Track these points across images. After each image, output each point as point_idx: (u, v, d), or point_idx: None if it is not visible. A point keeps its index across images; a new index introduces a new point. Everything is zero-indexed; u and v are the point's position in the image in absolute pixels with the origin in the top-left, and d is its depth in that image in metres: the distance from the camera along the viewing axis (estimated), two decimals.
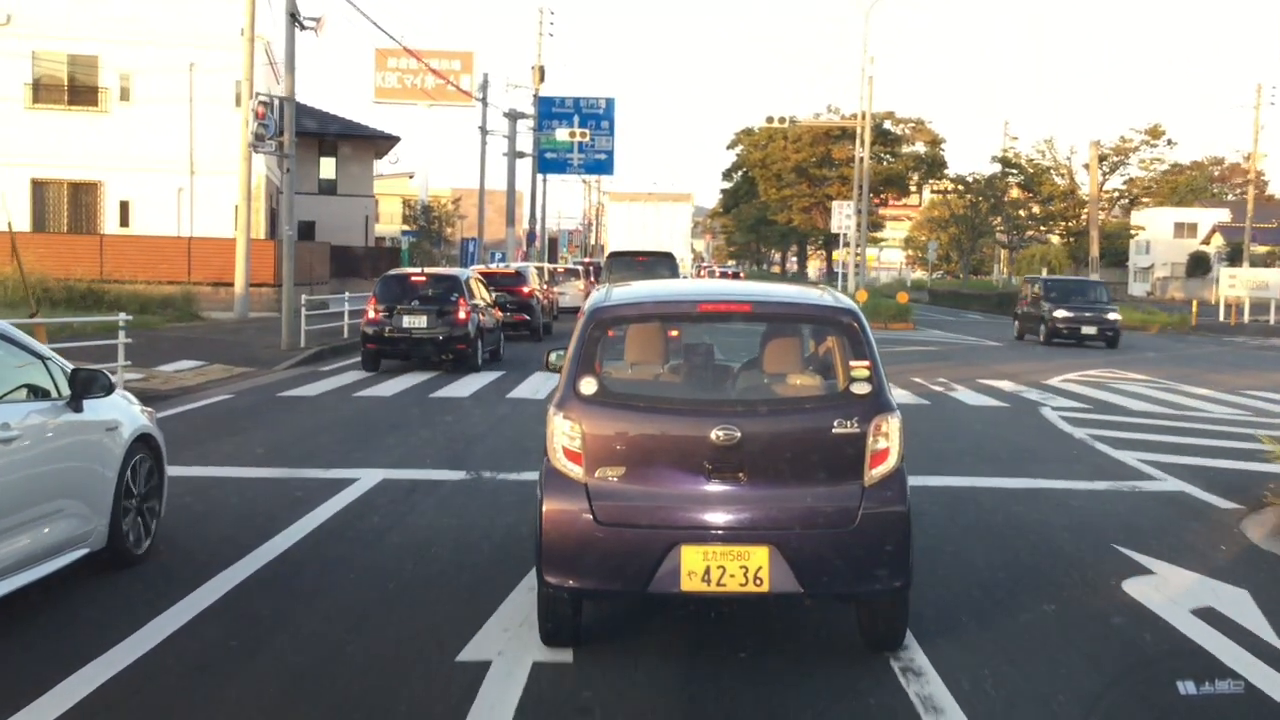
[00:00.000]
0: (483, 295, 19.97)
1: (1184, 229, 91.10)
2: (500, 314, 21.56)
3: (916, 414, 14.42)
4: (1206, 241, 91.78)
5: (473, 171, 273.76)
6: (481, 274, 28.86)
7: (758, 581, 4.98)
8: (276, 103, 19.98)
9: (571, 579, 5.13)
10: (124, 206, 32.95)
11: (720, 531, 5.04)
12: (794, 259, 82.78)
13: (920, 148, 50.13)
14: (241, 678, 5.13)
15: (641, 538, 5.05)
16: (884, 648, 5.46)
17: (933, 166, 50.72)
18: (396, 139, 47.54)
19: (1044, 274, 59.33)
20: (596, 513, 5.08)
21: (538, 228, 70.51)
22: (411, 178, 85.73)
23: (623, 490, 5.12)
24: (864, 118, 40.38)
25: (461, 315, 18.02)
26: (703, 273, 73.16)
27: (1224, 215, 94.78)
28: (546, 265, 39.48)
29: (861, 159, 41.13)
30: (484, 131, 41.62)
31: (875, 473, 5.12)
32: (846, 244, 41.51)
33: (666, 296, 6.19)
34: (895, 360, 23.46)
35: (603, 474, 5.13)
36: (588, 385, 5.22)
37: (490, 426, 12.72)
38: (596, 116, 49.89)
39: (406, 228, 64.74)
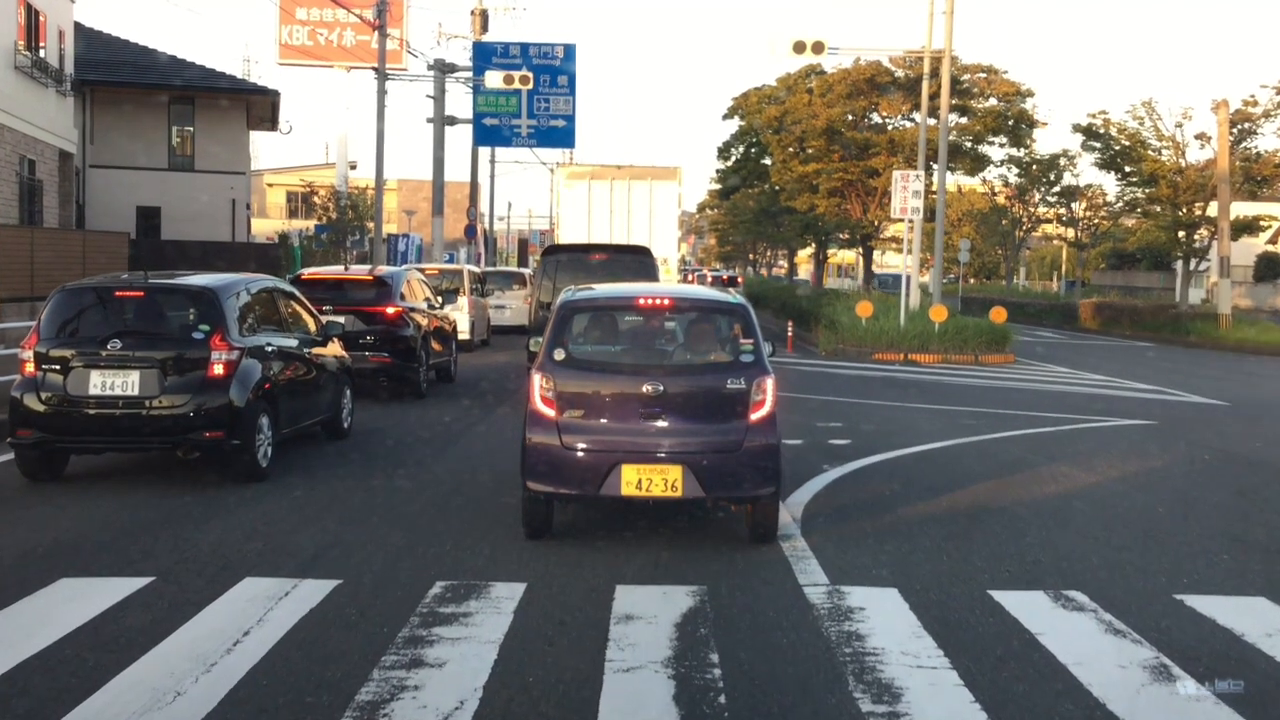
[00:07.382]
0: (307, 320, 11.74)
1: (1245, 226, 79.05)
2: (345, 353, 12.74)
3: None
4: (1274, 241, 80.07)
5: (417, 158, 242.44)
6: (307, 281, 17.10)
7: (674, 489, 7.36)
8: None
9: (546, 485, 7.50)
10: None
11: (649, 454, 7.39)
12: (805, 265, 69.24)
13: (994, 102, 36.56)
14: None
15: (595, 458, 7.41)
16: (762, 540, 7.84)
17: (1018, 127, 37.23)
18: (275, 93, 34.76)
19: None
20: (564, 441, 7.44)
21: (489, 219, 57.87)
22: (354, 167, 73.45)
23: (582, 426, 7.49)
24: (933, 63, 27.65)
25: (218, 369, 9.45)
26: (692, 278, 61.80)
27: None
28: (467, 268, 26.81)
29: (930, 115, 28.44)
30: (381, 75, 28.75)
31: (755, 416, 7.51)
32: (903, 234, 28.74)
33: (616, 294, 8.67)
34: (1095, 470, 9.97)
35: (568, 415, 7.49)
36: (559, 354, 7.59)
37: None
38: (552, 70, 37.04)
39: (319, 221, 51.87)
